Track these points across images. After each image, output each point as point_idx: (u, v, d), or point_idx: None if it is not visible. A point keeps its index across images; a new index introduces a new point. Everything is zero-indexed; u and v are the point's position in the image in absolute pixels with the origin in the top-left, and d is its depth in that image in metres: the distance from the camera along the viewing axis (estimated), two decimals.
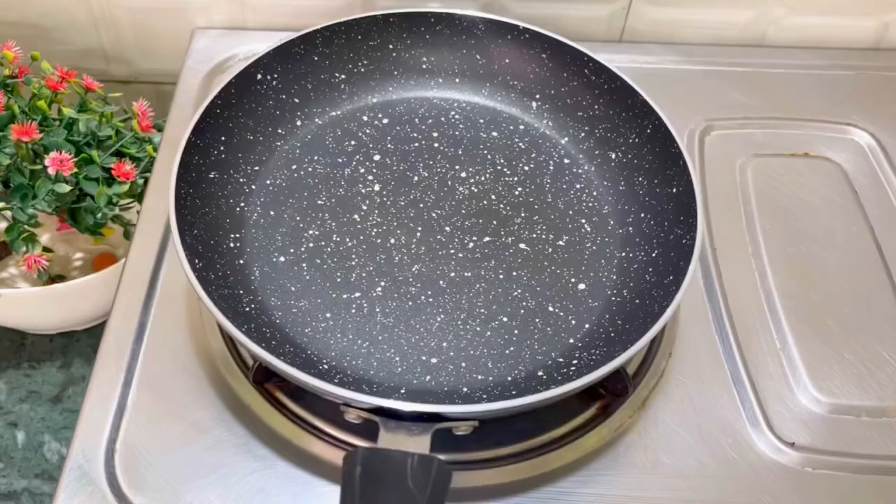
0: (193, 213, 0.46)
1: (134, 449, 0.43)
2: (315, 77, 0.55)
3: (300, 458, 0.43)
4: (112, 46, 0.71)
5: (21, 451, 0.60)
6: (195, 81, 0.63)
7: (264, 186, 0.51)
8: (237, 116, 0.51)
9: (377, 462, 0.35)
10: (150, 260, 0.51)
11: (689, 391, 0.46)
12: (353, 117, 0.55)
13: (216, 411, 0.44)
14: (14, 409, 0.62)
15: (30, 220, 0.57)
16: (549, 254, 0.48)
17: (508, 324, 0.45)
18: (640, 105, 0.50)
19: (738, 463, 0.43)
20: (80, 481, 0.42)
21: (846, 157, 0.60)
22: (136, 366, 0.46)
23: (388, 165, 0.53)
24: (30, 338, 0.66)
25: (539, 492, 0.42)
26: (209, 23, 0.69)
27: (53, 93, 0.59)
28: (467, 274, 0.47)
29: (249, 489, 0.41)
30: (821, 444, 0.45)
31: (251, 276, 0.46)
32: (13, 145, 0.55)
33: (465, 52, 0.56)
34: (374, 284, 0.46)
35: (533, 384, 0.42)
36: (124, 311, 0.49)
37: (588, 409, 0.45)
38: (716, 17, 0.68)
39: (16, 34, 0.69)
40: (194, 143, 0.47)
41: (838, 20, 0.68)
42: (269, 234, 0.48)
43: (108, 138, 0.59)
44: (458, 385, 0.42)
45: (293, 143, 0.53)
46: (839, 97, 0.64)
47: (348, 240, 0.48)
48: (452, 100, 0.57)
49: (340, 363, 0.43)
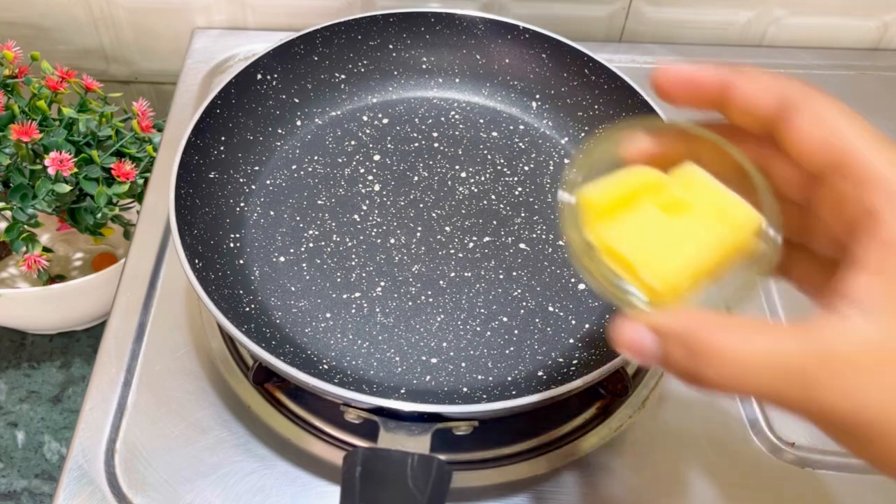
0: (193, 213, 0.46)
1: (134, 449, 0.43)
2: (315, 77, 0.55)
3: (300, 458, 0.43)
4: (112, 46, 0.71)
5: (21, 451, 0.60)
6: (195, 81, 0.63)
7: (264, 186, 0.51)
8: (237, 116, 0.51)
9: (377, 462, 0.35)
10: (149, 260, 0.51)
11: (689, 391, 0.46)
12: (353, 117, 0.55)
13: (216, 411, 0.44)
14: (14, 409, 0.62)
15: (30, 220, 0.57)
16: (549, 254, 0.48)
17: (508, 324, 0.45)
18: (641, 105, 0.50)
19: (738, 463, 0.43)
20: (79, 481, 0.42)
21: None
22: (136, 366, 0.46)
23: (388, 165, 0.53)
24: (30, 338, 0.66)
25: (539, 492, 0.42)
26: (209, 23, 0.69)
27: (53, 93, 0.59)
28: (467, 274, 0.47)
29: (249, 489, 0.41)
30: (821, 444, 0.45)
31: (251, 276, 0.46)
32: (13, 145, 0.55)
33: (465, 52, 0.56)
34: (374, 284, 0.46)
35: (533, 384, 0.42)
36: (124, 311, 0.49)
37: (588, 409, 0.45)
38: (716, 17, 0.68)
39: (16, 34, 0.69)
40: (194, 142, 0.47)
41: (838, 20, 0.68)
42: (269, 234, 0.48)
43: (108, 138, 0.59)
44: (458, 385, 0.42)
45: (293, 143, 0.53)
46: (839, 97, 0.64)
47: (348, 240, 0.48)
48: (452, 100, 0.57)
49: (340, 363, 0.43)
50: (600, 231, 0.28)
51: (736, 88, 0.27)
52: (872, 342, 0.23)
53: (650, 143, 0.30)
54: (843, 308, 0.24)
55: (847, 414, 0.24)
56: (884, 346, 0.23)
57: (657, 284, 0.26)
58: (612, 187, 0.28)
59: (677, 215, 0.28)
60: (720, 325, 0.24)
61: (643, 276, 0.27)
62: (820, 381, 0.23)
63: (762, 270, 0.27)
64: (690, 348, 0.24)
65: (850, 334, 0.23)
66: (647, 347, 0.25)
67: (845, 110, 0.26)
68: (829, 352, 0.23)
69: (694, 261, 0.27)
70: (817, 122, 0.26)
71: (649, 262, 0.27)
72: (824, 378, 0.23)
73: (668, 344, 0.25)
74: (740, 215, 0.27)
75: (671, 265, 0.26)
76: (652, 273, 0.27)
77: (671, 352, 0.25)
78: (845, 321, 0.24)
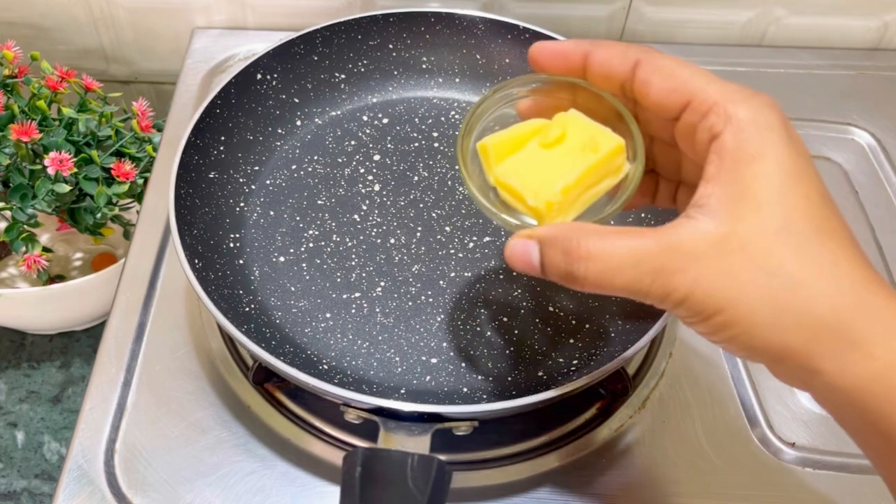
0: (193, 213, 0.46)
1: (133, 449, 0.43)
2: (315, 77, 0.55)
3: (300, 458, 0.43)
4: (112, 46, 0.71)
5: (21, 451, 0.60)
6: (195, 81, 0.63)
7: (264, 186, 0.51)
8: (237, 116, 0.51)
9: (377, 462, 0.35)
10: (149, 260, 0.51)
11: (690, 391, 0.46)
12: (353, 117, 0.55)
13: (216, 411, 0.44)
14: (14, 410, 0.61)
15: (29, 220, 0.57)
16: None
17: (508, 324, 0.45)
18: None
19: (738, 463, 0.43)
20: (79, 481, 0.41)
21: (846, 156, 0.60)
22: (136, 366, 0.46)
23: (388, 165, 0.52)
24: (29, 338, 0.66)
25: (539, 492, 0.42)
26: (209, 22, 0.69)
27: (53, 93, 0.59)
28: (467, 274, 0.47)
29: (249, 489, 0.41)
30: (821, 444, 0.45)
31: (251, 276, 0.46)
32: (13, 145, 0.55)
33: (465, 52, 0.56)
34: (374, 284, 0.46)
35: (533, 384, 0.42)
36: (124, 311, 0.49)
37: (588, 409, 0.45)
38: (716, 17, 0.68)
39: (15, 34, 0.69)
40: (194, 142, 0.47)
41: (838, 20, 0.68)
42: (269, 234, 0.48)
43: (108, 138, 0.59)
44: (458, 385, 0.42)
45: (293, 142, 0.53)
46: (839, 97, 0.64)
47: (348, 240, 0.48)
48: (452, 100, 0.57)
49: (340, 363, 0.43)
50: (495, 171, 0.33)
51: (593, 55, 0.32)
52: (711, 235, 0.27)
53: (538, 97, 0.35)
54: (692, 212, 0.28)
55: (699, 302, 0.27)
56: (721, 238, 0.27)
57: (541, 205, 0.31)
58: (505, 136, 0.33)
59: (556, 149, 0.32)
60: (590, 232, 0.29)
61: (528, 201, 0.31)
62: (672, 273, 0.27)
63: (630, 187, 0.32)
64: (566, 252, 0.29)
65: (693, 231, 0.27)
66: (531, 255, 0.30)
67: (680, 61, 0.30)
68: (676, 247, 0.27)
69: (570, 182, 0.31)
70: (661, 75, 0.30)
71: (533, 188, 0.31)
72: (674, 269, 0.27)
73: (548, 249, 0.30)
74: (607, 141, 0.32)
75: (550, 188, 0.31)
76: (535, 197, 0.31)
77: (551, 256, 0.29)
78: (690, 220, 0.28)
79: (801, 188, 0.27)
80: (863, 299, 0.27)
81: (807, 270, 0.27)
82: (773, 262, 0.27)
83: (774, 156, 0.27)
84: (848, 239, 0.28)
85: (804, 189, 0.27)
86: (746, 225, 0.27)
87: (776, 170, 0.27)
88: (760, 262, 0.27)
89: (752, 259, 0.27)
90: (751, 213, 0.27)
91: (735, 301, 0.27)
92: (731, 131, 0.28)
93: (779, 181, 0.27)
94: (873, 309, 0.27)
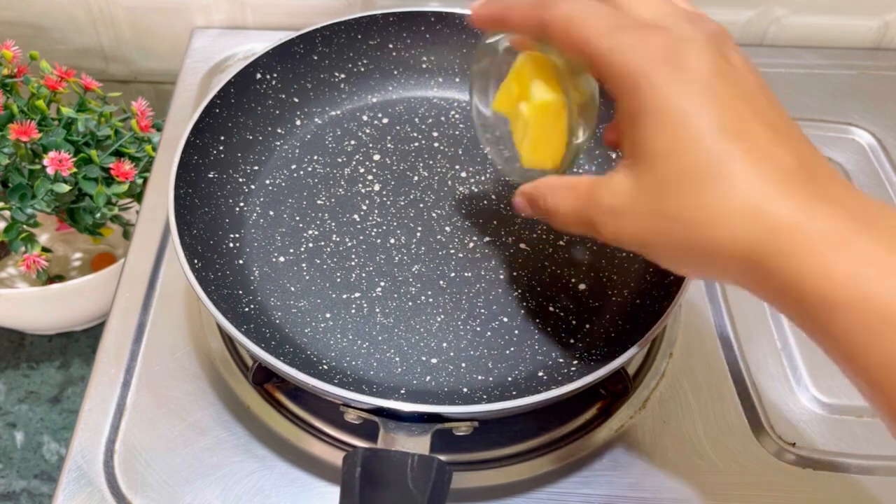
0: (192, 213, 0.45)
1: (133, 449, 0.43)
2: (314, 76, 0.55)
3: (299, 458, 0.43)
4: (111, 46, 0.71)
5: (20, 451, 0.59)
6: (194, 81, 0.63)
7: (264, 186, 0.51)
8: (236, 116, 0.51)
9: (377, 462, 0.34)
10: (149, 260, 0.51)
11: (690, 391, 0.46)
12: (353, 117, 0.55)
13: (215, 411, 0.44)
14: (13, 410, 0.61)
15: (28, 219, 0.57)
16: (549, 254, 0.48)
17: (508, 324, 0.45)
18: None
19: (738, 463, 0.43)
20: (78, 482, 0.41)
21: (847, 156, 0.60)
22: (136, 366, 0.46)
23: (388, 165, 0.52)
24: (29, 338, 0.66)
25: (539, 492, 0.42)
26: (208, 22, 0.69)
27: (52, 92, 0.58)
28: (467, 274, 0.47)
29: (249, 489, 0.41)
30: (821, 445, 0.44)
31: (251, 276, 0.46)
32: (12, 145, 0.55)
33: (465, 51, 0.56)
34: (374, 284, 0.46)
35: (533, 384, 0.42)
36: (123, 312, 0.49)
37: (588, 409, 0.45)
38: (716, 16, 0.67)
39: (14, 33, 0.69)
40: (193, 142, 0.47)
41: (839, 20, 0.68)
42: (269, 234, 0.48)
43: (107, 138, 0.59)
44: (458, 385, 0.42)
45: (293, 142, 0.53)
46: (840, 97, 0.64)
47: (348, 240, 0.48)
48: (452, 99, 0.57)
49: (340, 364, 0.43)
50: None
51: (509, 11, 0.35)
52: (626, 189, 0.31)
53: None
54: (617, 165, 0.32)
55: (627, 244, 0.32)
56: (634, 192, 0.30)
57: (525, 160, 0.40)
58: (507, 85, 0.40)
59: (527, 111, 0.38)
60: (550, 188, 0.35)
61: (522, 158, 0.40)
62: (601, 226, 0.32)
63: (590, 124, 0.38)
64: (539, 207, 0.36)
65: (612, 186, 0.31)
66: (522, 205, 0.38)
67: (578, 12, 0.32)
68: (599, 203, 0.32)
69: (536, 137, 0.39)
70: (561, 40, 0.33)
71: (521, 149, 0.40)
72: (601, 223, 0.32)
73: (531, 202, 0.37)
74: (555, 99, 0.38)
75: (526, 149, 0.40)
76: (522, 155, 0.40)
77: (533, 207, 0.37)
78: (611, 176, 0.32)
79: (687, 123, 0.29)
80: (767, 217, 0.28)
81: (702, 213, 0.29)
82: (671, 210, 0.29)
83: (653, 104, 0.29)
84: (753, 143, 0.28)
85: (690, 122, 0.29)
86: (645, 181, 0.30)
87: (657, 121, 0.29)
88: (663, 211, 0.30)
89: (655, 211, 0.30)
90: (646, 169, 0.30)
91: (652, 244, 0.31)
92: (620, 91, 0.31)
93: (662, 133, 0.29)
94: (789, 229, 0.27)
